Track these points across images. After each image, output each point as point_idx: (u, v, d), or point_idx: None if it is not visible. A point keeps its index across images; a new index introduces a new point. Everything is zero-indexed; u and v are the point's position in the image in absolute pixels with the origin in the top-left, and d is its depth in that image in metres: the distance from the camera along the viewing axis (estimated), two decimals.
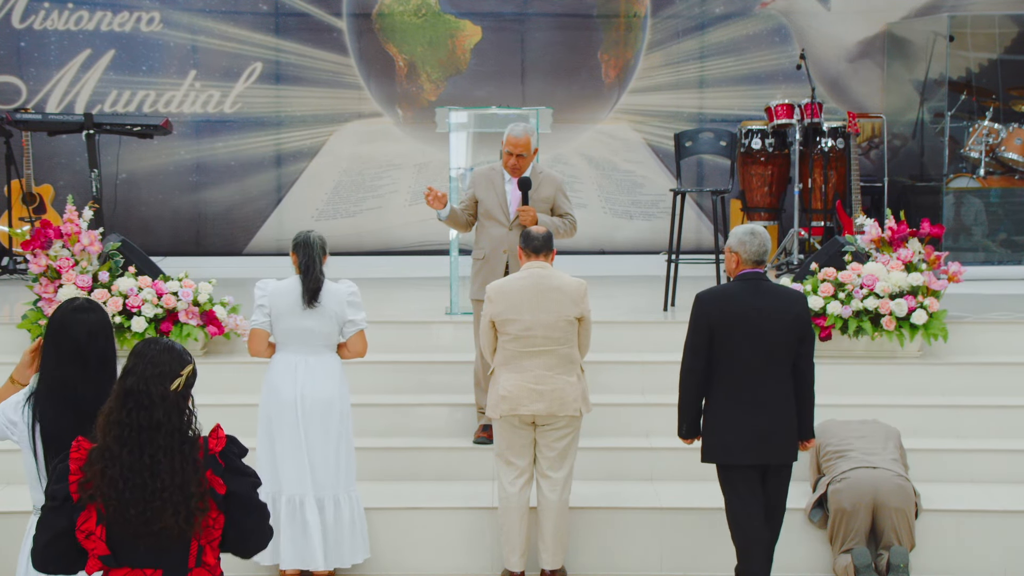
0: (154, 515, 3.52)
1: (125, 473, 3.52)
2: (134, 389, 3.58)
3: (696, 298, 5.83)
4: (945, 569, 6.62)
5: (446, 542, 6.68)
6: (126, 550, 3.56)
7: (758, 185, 10.64)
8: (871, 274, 7.71)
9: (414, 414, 7.46)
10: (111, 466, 3.53)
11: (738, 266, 5.83)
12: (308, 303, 6.19)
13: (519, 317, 6.20)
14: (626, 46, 11.44)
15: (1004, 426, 7.39)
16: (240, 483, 3.65)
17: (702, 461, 5.88)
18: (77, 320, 4.10)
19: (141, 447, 3.55)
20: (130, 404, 3.57)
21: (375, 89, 11.36)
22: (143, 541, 3.55)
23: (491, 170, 7.19)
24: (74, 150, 10.80)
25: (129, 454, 3.54)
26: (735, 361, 5.72)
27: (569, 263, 7.61)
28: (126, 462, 3.53)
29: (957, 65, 10.54)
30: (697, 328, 5.76)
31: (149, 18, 11.14)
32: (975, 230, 10.36)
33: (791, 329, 5.74)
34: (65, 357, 4.09)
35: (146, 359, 3.62)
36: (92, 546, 3.52)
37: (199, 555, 3.60)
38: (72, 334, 4.08)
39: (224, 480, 3.60)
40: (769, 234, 5.96)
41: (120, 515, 3.52)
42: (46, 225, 7.78)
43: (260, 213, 11.39)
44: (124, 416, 3.56)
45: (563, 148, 11.35)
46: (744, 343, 5.70)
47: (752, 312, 5.71)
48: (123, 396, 3.59)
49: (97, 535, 3.52)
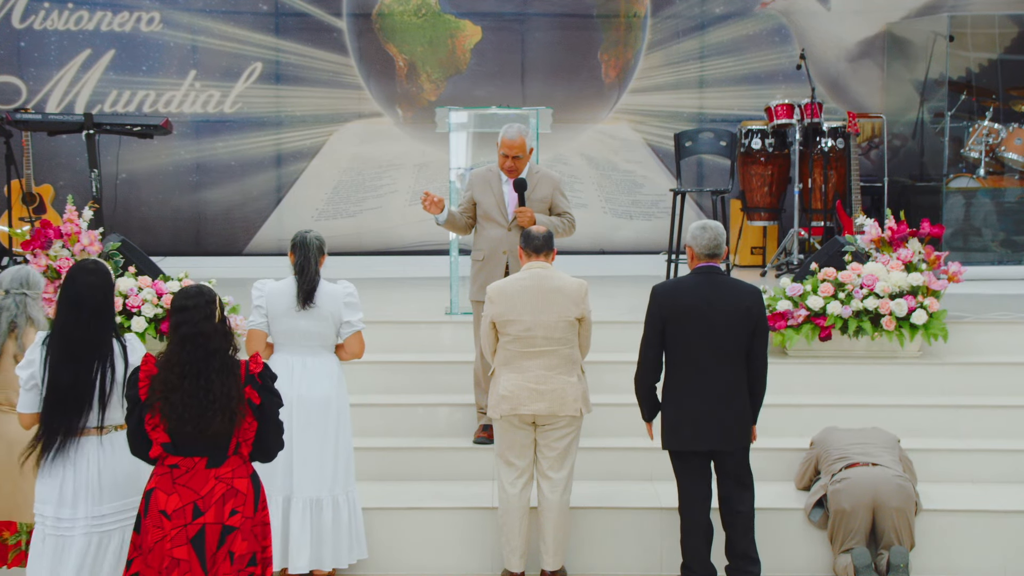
0: (207, 424, 4.65)
1: (186, 400, 4.63)
2: (190, 334, 4.67)
3: (652, 291, 6.12)
4: (945, 569, 6.62)
5: (446, 542, 6.68)
6: (182, 442, 4.71)
7: (758, 185, 10.64)
8: (871, 274, 7.71)
9: (414, 414, 7.46)
10: (174, 393, 4.64)
11: (693, 260, 6.12)
12: (303, 304, 6.19)
13: (520, 318, 6.20)
14: (626, 46, 11.44)
15: (1004, 426, 7.39)
16: (270, 400, 4.80)
17: (662, 448, 6.18)
18: (81, 277, 5.00)
19: (196, 375, 4.65)
20: (188, 347, 4.67)
21: (375, 89, 11.36)
22: (196, 439, 4.67)
23: (488, 171, 7.19)
24: (74, 150, 10.80)
25: (190, 384, 4.64)
26: (687, 352, 6.01)
27: (569, 263, 7.61)
28: (187, 389, 4.64)
29: (957, 65, 10.54)
30: (651, 320, 6.08)
31: (149, 18, 11.14)
32: (975, 230, 10.36)
33: (742, 322, 6.00)
34: (68, 306, 4.96)
35: (188, 311, 4.71)
36: (156, 436, 4.71)
37: (236, 448, 4.77)
38: (76, 287, 4.97)
39: (259, 394, 4.76)
40: (723, 228, 6.12)
41: (179, 426, 4.65)
42: (46, 225, 7.78)
43: (260, 213, 11.39)
44: (185, 356, 4.66)
45: (563, 148, 11.35)
46: (695, 335, 5.97)
47: (703, 305, 5.97)
48: (181, 342, 4.67)
49: (161, 428, 4.68)
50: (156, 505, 4.75)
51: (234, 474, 4.79)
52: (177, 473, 4.75)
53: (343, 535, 6.26)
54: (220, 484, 4.75)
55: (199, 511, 4.72)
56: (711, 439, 6.03)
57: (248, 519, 4.80)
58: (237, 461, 4.80)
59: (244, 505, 4.78)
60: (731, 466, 6.11)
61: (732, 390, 6.01)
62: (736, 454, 6.09)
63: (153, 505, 4.75)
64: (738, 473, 6.12)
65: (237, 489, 4.78)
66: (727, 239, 6.16)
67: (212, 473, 4.75)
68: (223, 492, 4.75)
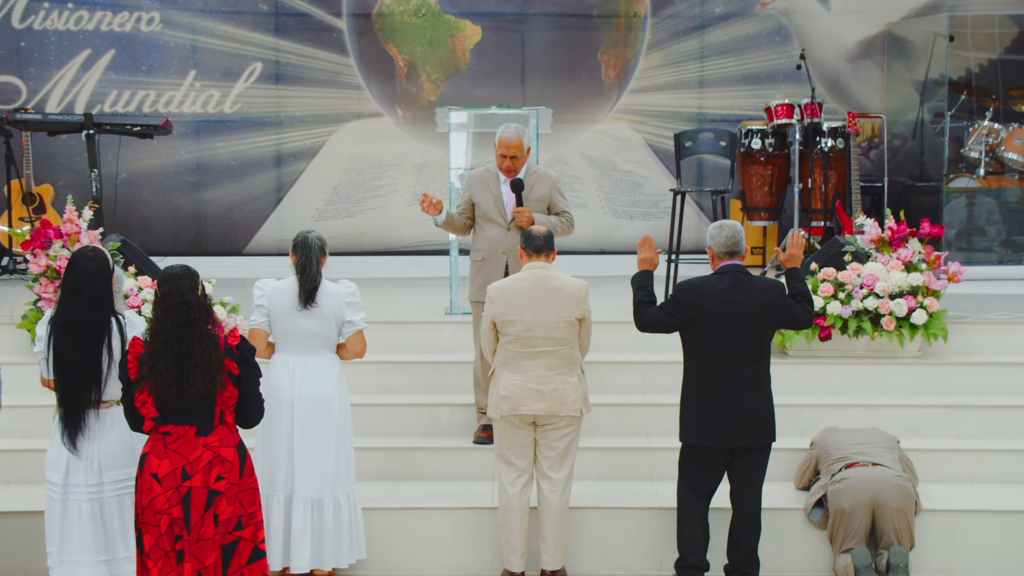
0: (188, 384, 5.06)
1: (169, 364, 5.06)
2: (175, 303, 5.10)
3: (675, 288, 6.24)
4: (945, 569, 6.61)
5: (446, 542, 6.68)
6: (170, 412, 5.13)
7: (758, 185, 10.63)
8: (871, 274, 7.71)
9: (414, 414, 7.46)
10: (159, 361, 5.07)
11: (714, 261, 6.13)
12: (304, 304, 6.18)
13: (520, 318, 6.20)
14: (626, 46, 11.43)
15: (1004, 426, 7.39)
16: (248, 371, 5.20)
17: (679, 440, 6.19)
18: (81, 264, 5.43)
19: (179, 342, 5.07)
20: (172, 315, 5.09)
21: (375, 89, 11.36)
22: (182, 404, 5.09)
23: (486, 172, 7.19)
24: (74, 150, 10.80)
25: (172, 351, 5.07)
26: (711, 351, 6.01)
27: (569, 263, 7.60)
28: (170, 356, 5.07)
29: (957, 65, 10.54)
30: (668, 309, 6.12)
31: (149, 18, 11.14)
32: (975, 230, 10.36)
33: (767, 320, 6.04)
34: (69, 291, 5.40)
35: (175, 280, 5.15)
36: (146, 412, 5.14)
37: (221, 416, 5.18)
38: (76, 273, 5.40)
39: (237, 364, 5.16)
40: (741, 226, 6.13)
41: (165, 391, 5.08)
42: (46, 225, 7.78)
43: (260, 213, 11.38)
44: (168, 324, 5.08)
45: (563, 148, 11.35)
46: (719, 334, 5.97)
47: (725, 305, 5.96)
48: (166, 311, 5.10)
49: (149, 403, 5.11)
50: (149, 468, 5.19)
51: (221, 443, 5.19)
52: (169, 440, 5.17)
53: (344, 535, 6.26)
54: (207, 452, 5.17)
55: (187, 475, 5.14)
56: (733, 436, 6.03)
57: (233, 485, 5.19)
58: (224, 431, 5.22)
59: (230, 472, 5.18)
60: (750, 464, 6.11)
61: (755, 388, 6.02)
62: (758, 452, 6.10)
63: (147, 469, 5.20)
64: (754, 471, 6.12)
65: (223, 457, 5.18)
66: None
67: (201, 441, 5.17)
68: (210, 459, 5.17)
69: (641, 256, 6.35)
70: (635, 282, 6.31)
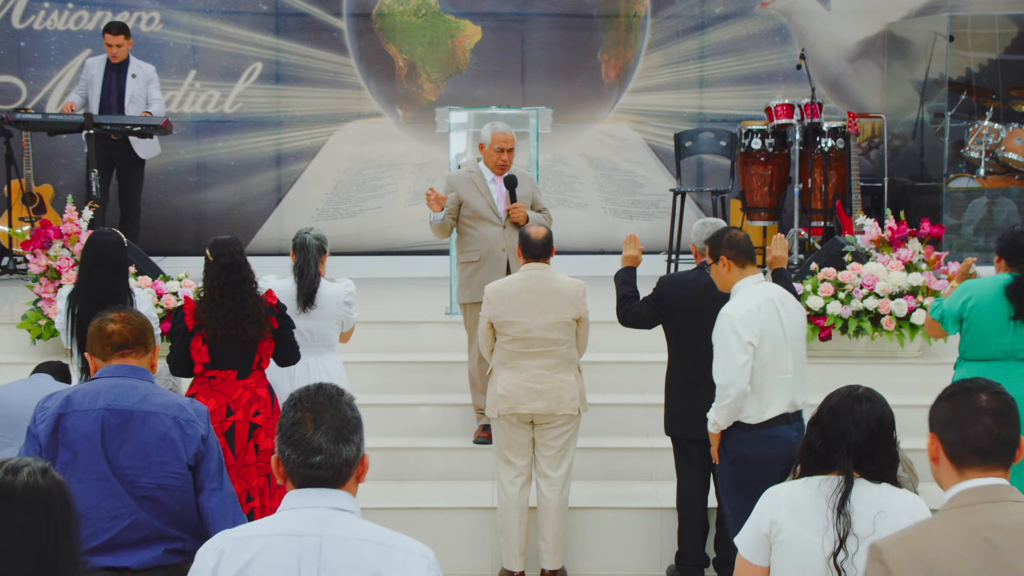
0: (242, 330, 5.74)
1: (227, 313, 5.73)
2: (229, 262, 5.80)
3: (658, 280, 6.31)
4: None
5: (445, 542, 6.67)
6: (218, 358, 5.78)
7: (758, 185, 10.63)
8: (871, 274, 7.71)
9: (414, 414, 7.46)
10: (217, 310, 5.74)
11: (698, 257, 6.29)
12: (303, 307, 6.21)
13: (518, 319, 6.20)
14: (626, 46, 11.44)
15: None
16: (284, 324, 5.91)
17: (665, 434, 6.35)
18: (100, 238, 6.11)
19: (233, 295, 5.75)
20: (226, 271, 5.78)
21: (375, 89, 11.36)
22: (230, 349, 5.76)
23: (469, 173, 7.22)
24: (74, 150, 10.80)
25: (229, 300, 5.74)
26: (691, 344, 6.10)
27: (569, 263, 7.62)
28: (227, 305, 5.74)
29: (957, 65, 10.54)
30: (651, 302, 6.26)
31: (149, 18, 11.14)
32: (975, 230, 10.36)
33: None
34: (92, 264, 5.98)
35: (227, 244, 5.86)
36: (198, 358, 5.79)
37: (259, 363, 5.87)
38: (98, 248, 6.03)
39: (277, 319, 5.86)
40: (724, 224, 6.23)
41: (220, 336, 5.74)
42: (46, 225, 7.79)
43: (260, 213, 11.39)
44: (224, 279, 5.77)
45: (563, 148, 11.35)
46: (699, 327, 5.97)
47: (705, 300, 5.98)
48: (220, 269, 5.79)
49: (204, 350, 5.77)
50: None
51: (257, 384, 5.85)
52: (214, 383, 5.81)
53: None
54: (247, 391, 5.81)
55: (231, 411, 5.77)
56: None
57: (268, 419, 5.77)
58: (259, 374, 5.88)
59: (265, 407, 5.81)
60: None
61: None
62: None
63: None
64: None
65: (259, 395, 5.83)
66: None
67: (241, 383, 5.80)
68: (249, 397, 5.81)
69: (626, 253, 6.49)
70: (618, 278, 6.43)
